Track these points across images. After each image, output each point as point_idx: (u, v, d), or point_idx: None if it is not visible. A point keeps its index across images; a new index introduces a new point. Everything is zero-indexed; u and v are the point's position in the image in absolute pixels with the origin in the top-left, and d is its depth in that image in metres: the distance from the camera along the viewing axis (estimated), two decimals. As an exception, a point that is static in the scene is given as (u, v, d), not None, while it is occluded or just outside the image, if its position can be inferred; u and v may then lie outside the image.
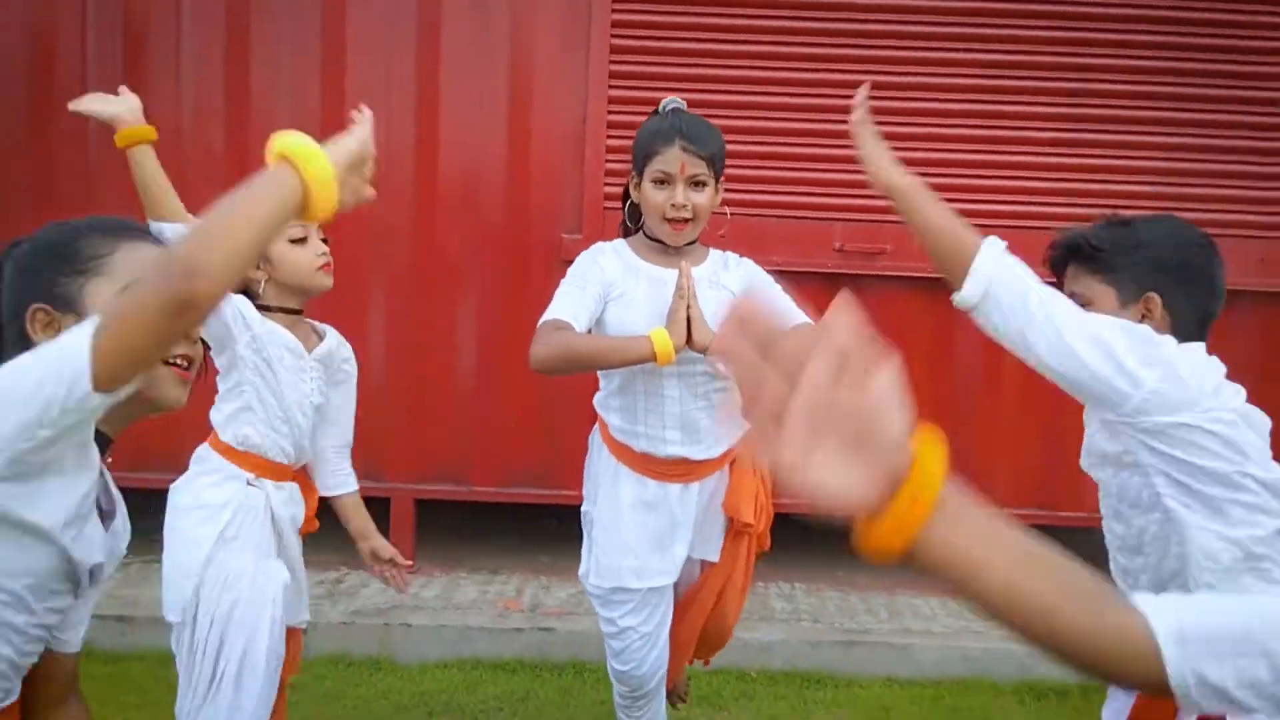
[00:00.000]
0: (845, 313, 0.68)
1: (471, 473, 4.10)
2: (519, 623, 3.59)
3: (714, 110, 3.84)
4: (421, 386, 4.06)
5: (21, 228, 4.54)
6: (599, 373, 2.43)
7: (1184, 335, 1.66)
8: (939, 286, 4.08)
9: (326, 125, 3.89)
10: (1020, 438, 4.01)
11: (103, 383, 1.11)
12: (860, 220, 3.99)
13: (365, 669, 3.35)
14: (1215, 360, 1.65)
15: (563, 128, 4.02)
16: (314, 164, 1.18)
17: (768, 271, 2.46)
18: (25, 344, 1.29)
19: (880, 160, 1.79)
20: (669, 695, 2.69)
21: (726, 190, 2.48)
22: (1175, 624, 0.77)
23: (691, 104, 2.55)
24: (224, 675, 2.07)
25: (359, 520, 2.43)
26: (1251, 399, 1.64)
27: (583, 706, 3.20)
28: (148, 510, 2.12)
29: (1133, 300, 1.68)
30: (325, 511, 2.38)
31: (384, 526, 4.02)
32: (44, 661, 1.40)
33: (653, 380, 2.33)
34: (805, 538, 4.32)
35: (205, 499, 2.13)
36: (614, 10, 3.96)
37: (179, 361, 1.37)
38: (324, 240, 2.24)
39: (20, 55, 4.00)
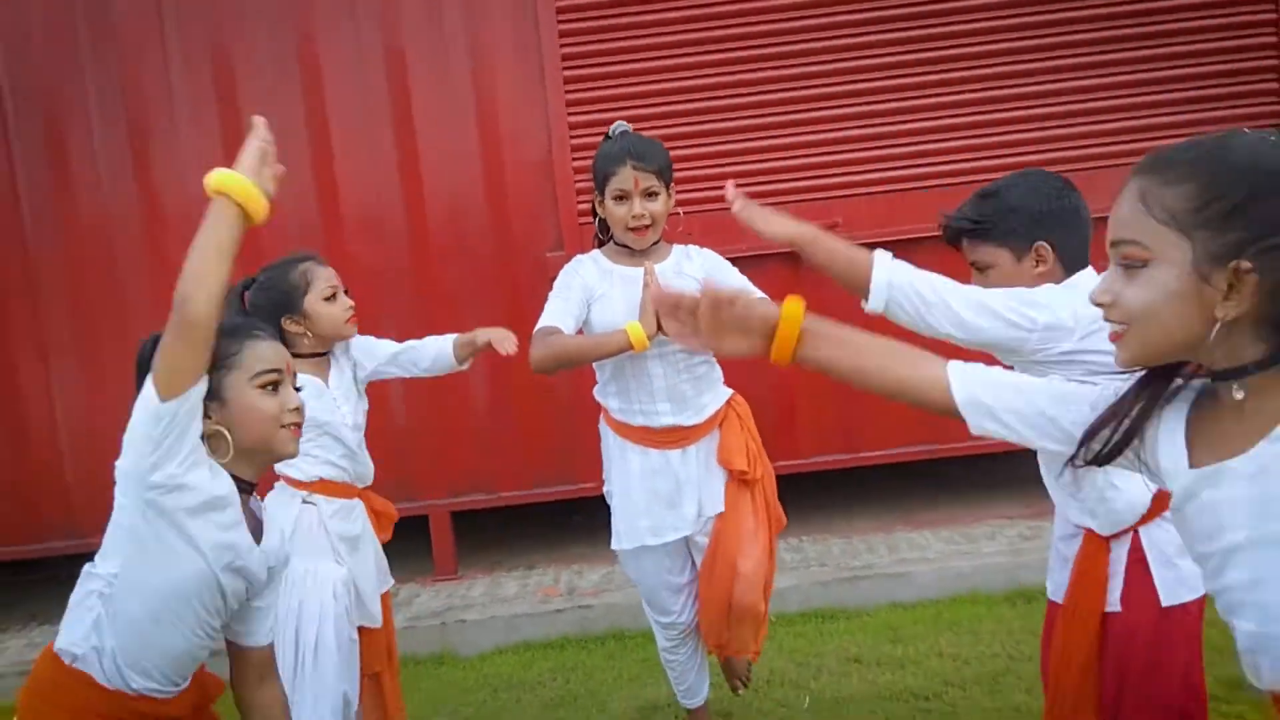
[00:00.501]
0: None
1: (497, 481, 4.51)
2: (560, 605, 4.00)
3: (665, 121, 4.28)
4: (441, 412, 4.46)
5: (52, 313, 4.92)
6: (595, 367, 2.79)
7: (1074, 265, 1.98)
8: (892, 249, 4.51)
9: (320, 189, 4.33)
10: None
11: (165, 393, 1.56)
12: (811, 200, 4.39)
13: (431, 664, 3.77)
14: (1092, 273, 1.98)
15: (532, 158, 4.43)
16: (236, 183, 1.60)
17: (733, 258, 2.83)
18: None
19: (773, 224, 2.02)
20: (729, 677, 3.01)
21: (686, 190, 2.83)
22: (961, 368, 1.37)
23: (643, 117, 2.93)
24: (304, 660, 2.49)
25: None
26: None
27: (625, 667, 3.60)
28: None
29: (1025, 253, 1.95)
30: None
31: (425, 541, 4.45)
32: (235, 653, 1.86)
33: (639, 365, 2.68)
34: (808, 497, 4.72)
35: (274, 516, 2.54)
36: (561, 45, 4.36)
37: (292, 424, 1.77)
38: (347, 293, 2.65)
39: (40, 156, 4.42)
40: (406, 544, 4.56)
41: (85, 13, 4.37)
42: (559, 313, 2.64)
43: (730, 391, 2.85)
